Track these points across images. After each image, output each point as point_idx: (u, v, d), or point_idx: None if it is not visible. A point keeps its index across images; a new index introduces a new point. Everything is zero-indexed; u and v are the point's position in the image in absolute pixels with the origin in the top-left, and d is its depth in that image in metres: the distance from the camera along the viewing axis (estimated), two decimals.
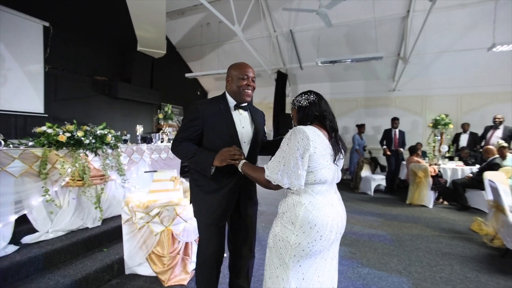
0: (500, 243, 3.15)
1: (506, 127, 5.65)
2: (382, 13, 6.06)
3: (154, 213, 2.27)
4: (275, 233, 1.31)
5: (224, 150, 1.48)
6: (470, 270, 2.70)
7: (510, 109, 6.48)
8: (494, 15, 4.89)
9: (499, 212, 3.14)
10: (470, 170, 5.33)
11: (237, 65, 1.69)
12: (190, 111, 1.66)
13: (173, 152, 1.65)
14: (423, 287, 2.38)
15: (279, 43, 7.72)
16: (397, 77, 7.59)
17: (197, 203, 1.72)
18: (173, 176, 2.58)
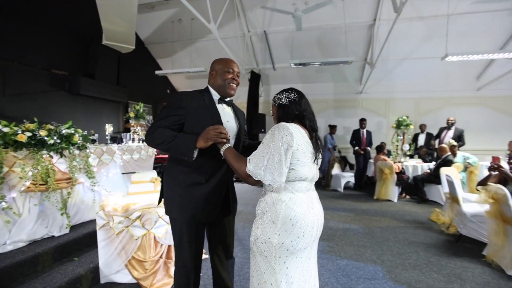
0: (455, 230, 3.56)
1: (456, 128, 6.34)
2: (351, 20, 6.43)
3: (134, 217, 2.18)
4: (256, 236, 1.27)
5: (210, 128, 1.37)
6: (432, 255, 3.01)
7: (460, 112, 7.28)
8: (446, 28, 5.47)
9: (454, 203, 3.53)
10: (428, 166, 5.89)
11: (222, 59, 1.66)
12: (173, 99, 1.54)
13: (147, 139, 1.47)
14: (395, 273, 2.60)
15: (253, 44, 7.80)
16: (364, 81, 8.11)
17: (176, 200, 1.54)
18: (153, 177, 2.50)
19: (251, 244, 1.31)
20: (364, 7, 6.26)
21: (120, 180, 3.61)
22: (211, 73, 1.64)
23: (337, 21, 6.58)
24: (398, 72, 7.78)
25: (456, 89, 7.66)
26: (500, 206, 2.69)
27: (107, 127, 3.88)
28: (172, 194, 1.56)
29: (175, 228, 1.58)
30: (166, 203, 1.60)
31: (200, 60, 8.27)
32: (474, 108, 7.60)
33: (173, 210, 1.56)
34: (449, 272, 2.64)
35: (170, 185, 1.58)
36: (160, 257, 2.27)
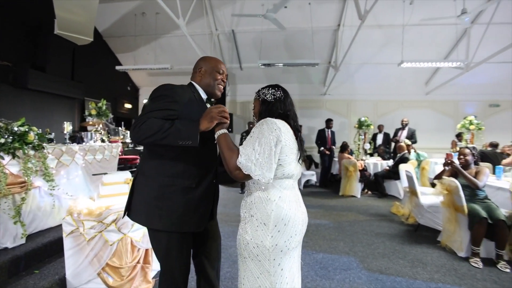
0: (413, 220, 3.94)
1: (409, 128, 7.01)
2: (317, 24, 6.74)
3: (109, 221, 2.05)
4: (246, 241, 1.22)
5: (211, 107, 1.28)
6: (397, 244, 3.31)
7: (411, 114, 8.06)
8: (402, 37, 6.04)
9: (413, 196, 3.91)
10: (387, 164, 6.42)
11: (213, 58, 1.62)
12: (164, 91, 1.37)
13: (135, 132, 1.23)
14: (367, 262, 2.82)
15: (220, 42, 7.76)
16: (328, 83, 8.56)
17: (159, 208, 1.35)
18: (127, 178, 2.36)
19: (240, 250, 1.26)
20: (329, 13, 6.62)
21: (82, 183, 3.34)
22: (199, 70, 1.56)
23: (304, 24, 6.86)
24: (358, 75, 8.37)
25: (409, 93, 8.50)
26: (452, 196, 3.06)
27: (65, 126, 3.56)
28: (154, 201, 1.35)
29: (160, 240, 1.40)
30: (142, 212, 1.38)
31: (164, 57, 7.99)
32: (423, 110, 8.51)
33: (155, 220, 1.36)
34: (413, 257, 2.93)
35: (150, 190, 1.37)
36: (137, 262, 2.16)
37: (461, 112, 8.11)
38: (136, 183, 1.44)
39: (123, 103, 8.67)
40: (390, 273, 2.61)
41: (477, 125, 6.04)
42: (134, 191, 1.44)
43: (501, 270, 2.67)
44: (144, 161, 1.45)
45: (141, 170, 1.44)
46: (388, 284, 2.42)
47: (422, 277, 2.55)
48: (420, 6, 6.03)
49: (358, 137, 7.36)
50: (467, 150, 3.23)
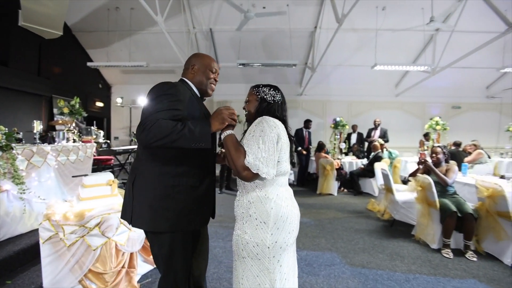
0: (389, 216, 4.16)
1: (381, 128, 7.39)
2: (295, 25, 6.87)
3: (92, 224, 1.95)
4: (245, 241, 1.23)
5: (221, 108, 1.28)
6: (375, 239, 3.48)
7: (383, 114, 8.49)
8: (375, 41, 6.35)
9: (388, 193, 4.13)
10: (361, 162, 6.71)
11: (206, 56, 1.59)
12: (168, 90, 1.31)
13: (145, 134, 1.18)
14: (349, 258, 2.94)
15: (198, 40, 7.64)
16: (304, 83, 8.76)
17: (164, 209, 1.31)
18: (110, 179, 2.25)
19: (238, 250, 1.26)
20: (307, 15, 6.79)
21: (55, 185, 3.14)
22: (192, 68, 1.53)
23: (282, 25, 6.96)
24: (333, 77, 8.66)
25: (380, 94, 8.95)
26: (426, 192, 3.29)
27: (35, 124, 3.32)
28: (160, 202, 1.32)
29: (163, 242, 1.35)
30: (146, 216, 1.32)
31: (139, 54, 7.71)
32: (393, 111, 9.01)
33: (162, 222, 1.32)
34: (391, 251, 3.11)
35: (154, 192, 1.32)
36: (122, 267, 2.07)
37: (428, 113, 8.70)
38: (136, 187, 1.36)
39: (95, 101, 8.24)
40: (371, 267, 2.74)
41: (443, 126, 6.52)
42: (134, 196, 1.35)
43: (469, 259, 2.92)
44: (143, 163, 1.38)
45: (140, 172, 1.37)
46: (370, 277, 2.55)
47: (401, 269, 2.71)
48: (392, 12, 6.38)
49: (334, 136, 7.62)
50: (438, 149, 3.48)
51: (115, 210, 2.06)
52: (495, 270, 2.73)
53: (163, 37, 7.06)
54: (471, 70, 7.81)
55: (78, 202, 2.12)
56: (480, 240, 3.14)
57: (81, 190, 2.17)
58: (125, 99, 8.37)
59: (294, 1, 6.37)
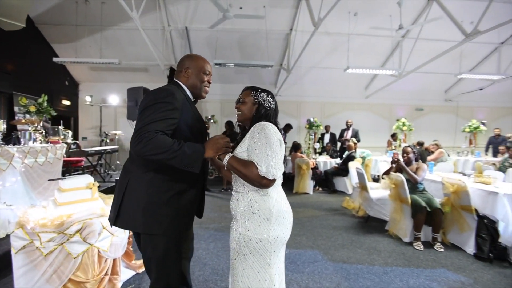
0: (363, 213, 4.37)
1: (353, 128, 7.73)
2: (271, 27, 6.95)
3: (73, 231, 1.82)
4: (248, 238, 1.27)
5: (216, 137, 1.33)
6: (352, 235, 3.65)
7: (354, 115, 8.90)
8: (348, 44, 6.62)
9: (363, 191, 4.34)
10: (335, 162, 6.97)
11: (200, 57, 1.58)
12: (166, 98, 1.32)
13: (141, 146, 1.19)
14: (331, 254, 3.05)
15: (173, 39, 7.43)
16: (279, 84, 8.89)
17: (160, 212, 1.33)
18: (90, 182, 2.12)
19: (239, 248, 1.30)
20: (283, 17, 6.91)
21: (22, 190, 2.89)
22: (185, 70, 1.52)
23: (258, 26, 7.01)
24: (307, 78, 8.90)
25: (351, 96, 9.36)
26: (399, 190, 3.51)
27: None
28: (152, 206, 1.33)
29: (157, 245, 1.35)
30: (138, 218, 1.33)
31: (110, 51, 7.31)
32: (363, 112, 9.47)
33: (155, 225, 1.33)
34: (368, 246, 3.27)
35: (147, 195, 1.34)
36: (105, 274, 1.97)
37: (394, 115, 9.27)
38: (128, 189, 1.36)
39: (60, 99, 7.67)
40: (352, 262, 2.87)
41: (409, 127, 6.99)
42: (124, 197, 1.35)
43: (437, 250, 3.18)
44: (136, 166, 1.38)
45: (133, 176, 1.38)
46: (352, 272, 2.66)
47: (379, 262, 2.87)
48: (363, 18, 6.71)
49: (309, 137, 7.83)
50: (409, 149, 3.73)
51: (97, 215, 1.95)
52: (460, 259, 2.99)
53: (136, 34, 6.79)
54: (432, 75, 8.46)
55: (55, 208, 1.97)
56: (446, 232, 3.42)
57: (58, 195, 2.02)
58: (95, 98, 7.90)
59: (271, 2, 6.44)
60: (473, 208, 3.16)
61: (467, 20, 6.02)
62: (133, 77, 8.16)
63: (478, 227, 3.12)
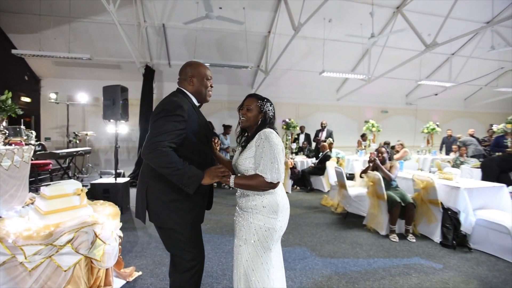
0: (341, 209, 4.56)
1: (328, 129, 8.02)
2: (250, 28, 6.95)
3: (63, 241, 1.66)
4: (259, 226, 1.45)
5: (213, 168, 1.44)
6: (335, 231, 3.79)
7: (327, 117, 9.23)
8: (323, 49, 6.85)
9: (342, 188, 4.52)
10: (311, 161, 7.17)
11: (201, 64, 1.66)
12: (181, 111, 1.42)
13: (154, 155, 1.34)
14: (318, 250, 3.15)
15: (148, 35, 7.09)
16: (256, 85, 8.92)
17: (180, 208, 1.50)
18: (78, 188, 1.95)
19: (249, 235, 1.47)
20: (262, 19, 6.93)
21: None
22: (190, 78, 1.60)
23: (237, 27, 6.96)
24: (283, 80, 9.05)
25: (324, 98, 9.71)
26: (376, 187, 3.71)
27: None
28: (172, 204, 1.50)
29: (177, 237, 1.53)
30: (163, 214, 1.50)
31: (78, 45, 6.78)
32: (335, 114, 9.87)
33: (178, 219, 1.50)
34: (350, 241, 3.42)
35: (165, 194, 1.49)
36: (98, 286, 1.82)
37: (363, 116, 9.78)
38: (149, 190, 1.51)
39: (19, 96, 6.92)
40: (338, 256, 2.99)
41: (377, 128, 7.42)
42: (148, 197, 1.51)
43: (410, 241, 3.42)
44: (152, 170, 1.48)
45: (150, 178, 1.51)
46: (340, 266, 2.77)
47: (362, 255, 3.03)
48: (337, 25, 6.98)
49: (286, 137, 7.97)
50: (383, 149, 3.97)
51: (88, 223, 1.80)
52: (429, 248, 3.26)
53: (108, 28, 6.40)
54: (396, 80, 9.08)
55: (40, 217, 1.77)
56: (416, 224, 3.70)
57: (42, 203, 1.82)
58: (60, 95, 7.24)
59: (251, 4, 6.43)
60: (439, 201, 3.46)
61: (425, 32, 6.55)
62: (104, 74, 7.64)
63: (443, 218, 3.43)
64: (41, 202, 1.84)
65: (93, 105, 7.98)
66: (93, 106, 8.00)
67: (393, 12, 6.89)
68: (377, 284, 2.46)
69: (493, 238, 3.15)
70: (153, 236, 3.43)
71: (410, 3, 6.53)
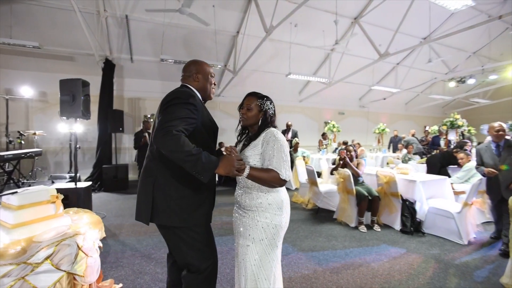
0: (312, 205, 4.72)
1: (293, 130, 8.24)
2: (218, 27, 6.79)
3: (40, 258, 1.40)
4: (266, 224, 1.43)
5: (230, 158, 1.31)
6: (310, 226, 3.92)
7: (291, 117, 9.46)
8: (289, 52, 7.02)
9: (313, 186, 4.68)
10: None
11: (204, 63, 1.65)
12: (193, 100, 1.38)
13: (168, 139, 1.21)
14: (298, 245, 3.22)
15: (109, 26, 6.45)
16: (223, 85, 8.77)
17: (186, 204, 1.41)
18: (52, 194, 1.66)
19: (256, 234, 1.43)
20: (231, 19, 6.83)
21: None
22: (195, 75, 1.58)
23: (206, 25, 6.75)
24: (250, 80, 9.05)
25: (288, 99, 9.95)
26: (345, 183, 3.92)
27: None
28: (181, 200, 1.41)
29: (191, 236, 1.44)
30: (172, 213, 1.40)
31: (22, 31, 5.84)
32: (298, 115, 10.21)
33: (185, 218, 1.41)
34: (326, 234, 3.56)
35: (176, 191, 1.41)
36: None
37: (322, 117, 10.29)
38: (156, 188, 1.41)
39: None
40: (318, 250, 3.08)
41: (337, 128, 7.87)
42: (154, 196, 1.40)
43: (376, 230, 3.70)
44: (160, 165, 1.42)
45: (157, 174, 1.43)
46: (321, 258, 2.86)
47: (339, 247, 3.17)
48: (302, 30, 7.21)
49: None
50: (351, 147, 4.21)
51: (69, 234, 1.55)
52: (392, 235, 3.57)
53: (62, 14, 5.71)
54: (352, 85, 9.74)
55: (7, 232, 1.45)
56: (379, 215, 4.01)
57: (8, 215, 1.50)
58: None
59: (220, 3, 6.28)
60: (399, 193, 3.81)
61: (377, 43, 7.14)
62: (54, 66, 6.70)
63: (402, 208, 3.77)
64: (7, 214, 1.52)
65: (40, 101, 6.98)
66: (40, 102, 6.99)
67: (351, 22, 7.37)
68: (356, 271, 2.60)
69: (440, 223, 3.57)
70: (126, 244, 3.13)
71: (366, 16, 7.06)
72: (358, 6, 7.05)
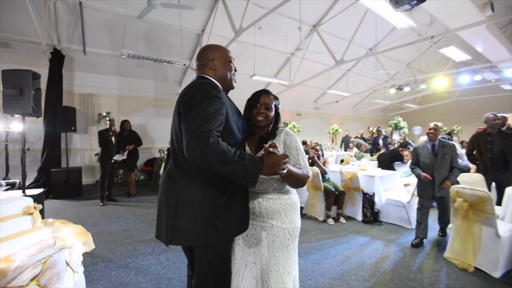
0: None
1: None
2: (183, 24, 6.49)
3: (25, 279, 1.18)
4: (291, 229, 1.36)
5: (277, 156, 1.11)
6: None
7: None
8: (254, 54, 7.07)
9: None
10: None
11: (221, 46, 1.40)
12: (212, 91, 1.14)
13: (208, 154, 1.01)
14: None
15: (57, 12, 5.64)
16: (185, 83, 8.42)
17: (217, 219, 1.19)
18: (28, 205, 1.40)
19: (283, 241, 1.33)
20: (196, 17, 6.58)
21: None
22: (211, 62, 1.32)
23: (169, 21, 6.41)
24: None
25: None
26: (314, 180, 4.13)
27: None
28: (212, 214, 1.19)
29: (216, 254, 1.23)
30: (198, 231, 1.17)
31: None
32: None
33: (214, 234, 1.19)
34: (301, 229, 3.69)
35: (205, 204, 1.18)
36: None
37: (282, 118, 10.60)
38: (181, 201, 1.18)
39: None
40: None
41: (297, 128, 8.22)
42: (178, 211, 1.18)
43: (342, 222, 3.99)
44: (187, 176, 1.20)
45: (183, 186, 1.20)
46: (300, 251, 2.96)
47: (314, 239, 3.34)
48: (265, 33, 7.33)
49: None
50: (318, 147, 4.44)
51: (56, 249, 1.33)
52: (356, 226, 3.89)
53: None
54: (308, 88, 10.24)
55: None
56: (344, 208, 4.33)
57: None
58: None
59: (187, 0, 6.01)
60: (361, 188, 4.17)
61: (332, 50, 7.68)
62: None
63: (363, 201, 4.14)
64: None
65: None
66: None
67: (310, 29, 7.75)
68: (334, 261, 2.78)
69: (393, 212, 4.01)
70: (95, 255, 2.80)
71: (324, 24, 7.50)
72: (317, 15, 7.46)
